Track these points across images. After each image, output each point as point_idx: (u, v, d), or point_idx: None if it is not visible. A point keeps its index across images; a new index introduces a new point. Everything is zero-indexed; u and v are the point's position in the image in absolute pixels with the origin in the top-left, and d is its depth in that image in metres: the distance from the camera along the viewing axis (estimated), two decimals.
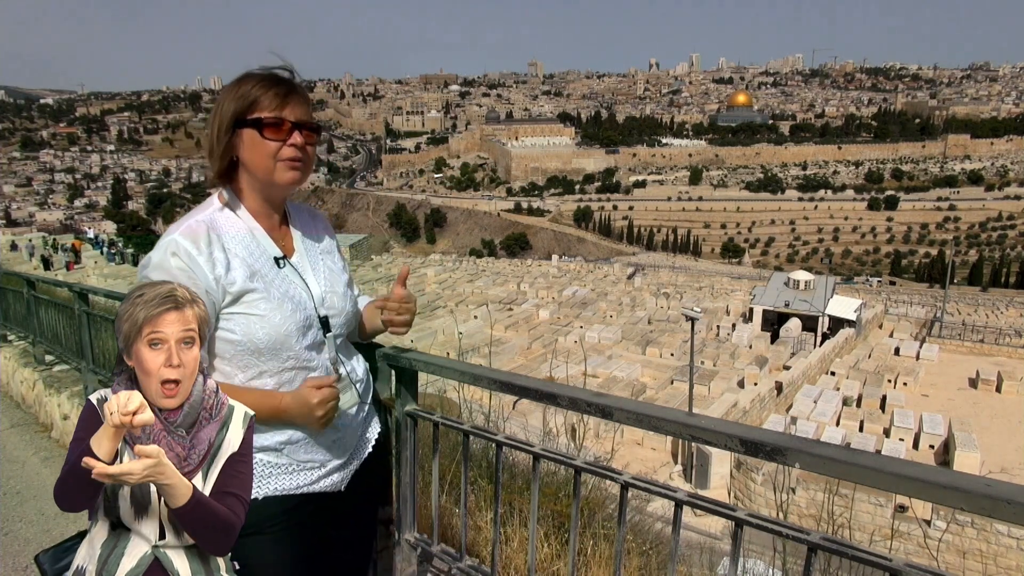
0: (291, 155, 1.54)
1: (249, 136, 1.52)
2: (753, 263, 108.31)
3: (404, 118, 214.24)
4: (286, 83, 1.57)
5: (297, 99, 1.56)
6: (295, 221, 1.73)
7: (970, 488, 1.13)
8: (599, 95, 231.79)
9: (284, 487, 1.62)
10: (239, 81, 1.55)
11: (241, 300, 1.52)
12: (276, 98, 1.53)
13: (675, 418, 1.51)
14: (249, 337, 1.53)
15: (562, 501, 2.61)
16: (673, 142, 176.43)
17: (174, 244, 1.48)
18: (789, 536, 1.35)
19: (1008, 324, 39.00)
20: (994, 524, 12.46)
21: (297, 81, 1.60)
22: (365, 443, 1.85)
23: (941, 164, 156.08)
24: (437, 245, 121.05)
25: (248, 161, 1.55)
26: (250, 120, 1.51)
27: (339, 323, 1.71)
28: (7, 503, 4.13)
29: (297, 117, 1.55)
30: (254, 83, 1.53)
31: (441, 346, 25.51)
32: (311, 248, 1.72)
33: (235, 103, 1.51)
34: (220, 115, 1.53)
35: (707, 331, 33.01)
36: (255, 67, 1.59)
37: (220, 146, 1.54)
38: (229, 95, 1.53)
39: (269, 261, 1.59)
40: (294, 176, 1.57)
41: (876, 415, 21.15)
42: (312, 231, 1.76)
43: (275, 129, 1.52)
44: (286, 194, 1.66)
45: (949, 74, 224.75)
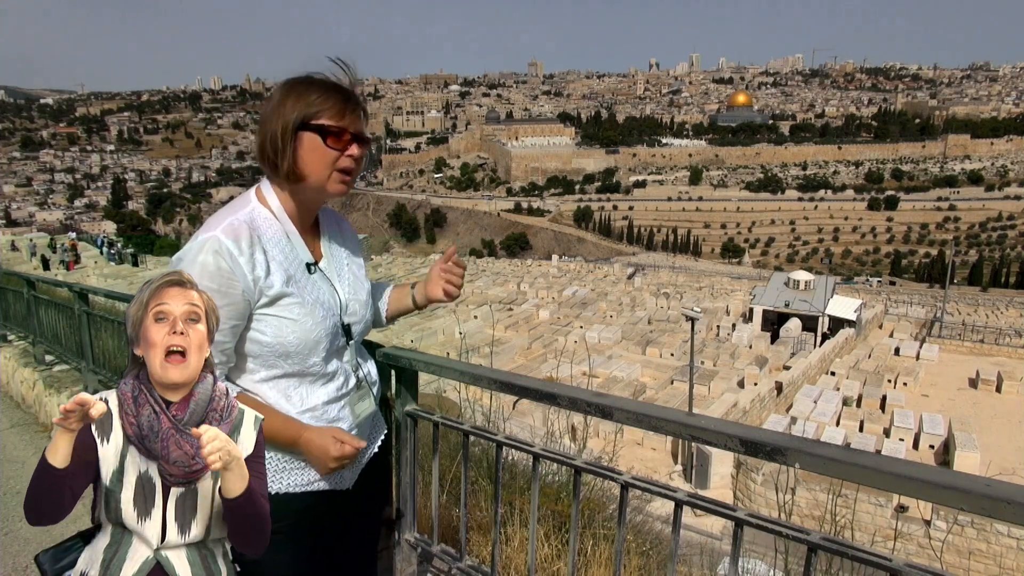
0: (347, 166, 1.55)
1: (310, 141, 1.51)
2: (753, 263, 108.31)
3: (404, 118, 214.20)
4: (350, 94, 1.57)
5: (358, 111, 1.57)
6: (324, 227, 1.73)
7: (970, 488, 1.13)
8: (599, 95, 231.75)
9: (296, 483, 1.62)
10: (303, 85, 1.53)
11: (276, 303, 1.53)
12: (340, 107, 1.52)
13: (675, 418, 1.51)
14: (280, 340, 1.53)
15: (562, 501, 2.61)
16: (673, 142, 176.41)
17: (217, 242, 1.45)
18: (789, 536, 1.35)
19: (1008, 324, 38.99)
20: (994, 524, 12.46)
21: (358, 93, 1.60)
22: (374, 442, 1.86)
23: (941, 164, 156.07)
24: (437, 245, 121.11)
25: (304, 163, 1.53)
26: (314, 125, 1.50)
27: (360, 330, 1.74)
28: (7, 503, 4.13)
29: (357, 129, 1.56)
30: (322, 90, 1.53)
31: (441, 346, 25.49)
32: (338, 254, 1.73)
33: (301, 108, 1.50)
34: (283, 117, 1.51)
35: (707, 331, 33.01)
36: (319, 70, 1.57)
37: (284, 146, 1.52)
38: (291, 98, 1.51)
39: (301, 266, 1.60)
40: (343, 188, 1.58)
41: (876, 415, 21.14)
42: (339, 238, 1.77)
43: (337, 138, 1.52)
44: (324, 202, 1.67)
45: (949, 74, 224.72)
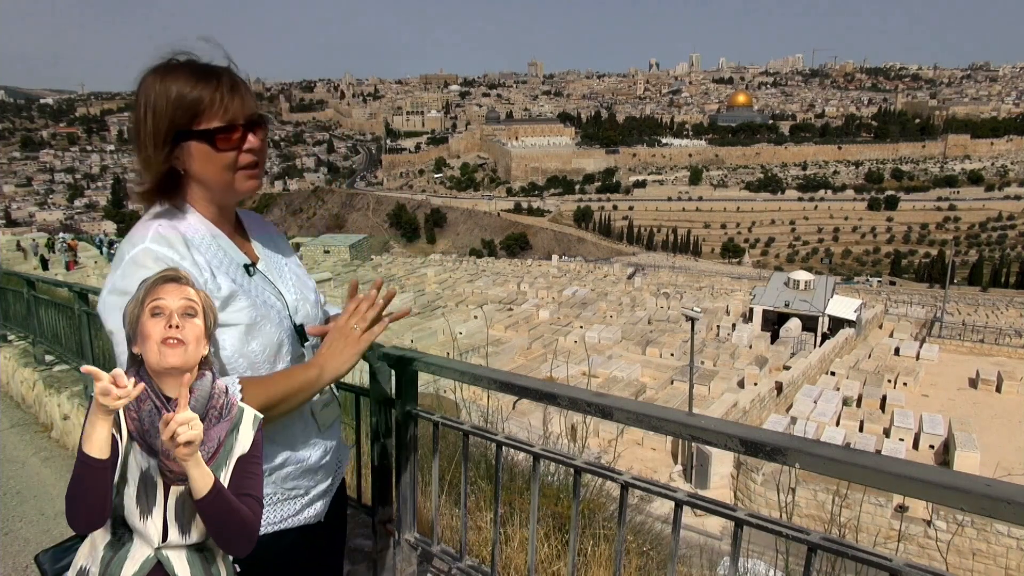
0: (249, 161, 1.36)
1: (198, 150, 1.30)
2: (753, 263, 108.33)
3: (404, 118, 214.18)
4: (227, 75, 1.32)
5: (241, 90, 1.32)
6: (250, 229, 1.54)
7: (970, 488, 1.13)
8: (599, 95, 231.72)
9: (268, 520, 1.45)
10: (161, 85, 1.28)
11: (228, 308, 1.34)
12: (222, 98, 1.29)
13: (675, 418, 1.51)
14: (240, 351, 1.35)
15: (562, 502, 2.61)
16: (673, 142, 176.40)
17: (151, 254, 1.27)
18: (789, 536, 1.35)
19: (1008, 324, 39.00)
20: (994, 524, 12.46)
21: (234, 68, 1.34)
22: (341, 467, 1.68)
23: (941, 164, 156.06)
24: (437, 245, 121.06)
25: (200, 174, 1.34)
26: (198, 132, 1.28)
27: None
28: (7, 503, 4.13)
29: (247, 115, 1.33)
30: (190, 82, 1.28)
31: (441, 346, 25.50)
32: (273, 255, 1.54)
33: (172, 111, 1.26)
34: (154, 125, 1.27)
35: (707, 331, 33.02)
36: (173, 53, 1.30)
37: (158, 162, 1.29)
38: (161, 99, 1.27)
39: (240, 269, 1.41)
40: (255, 184, 1.39)
41: (876, 415, 21.14)
42: (268, 238, 1.57)
43: (228, 138, 1.31)
44: (240, 200, 1.48)
45: (949, 74, 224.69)
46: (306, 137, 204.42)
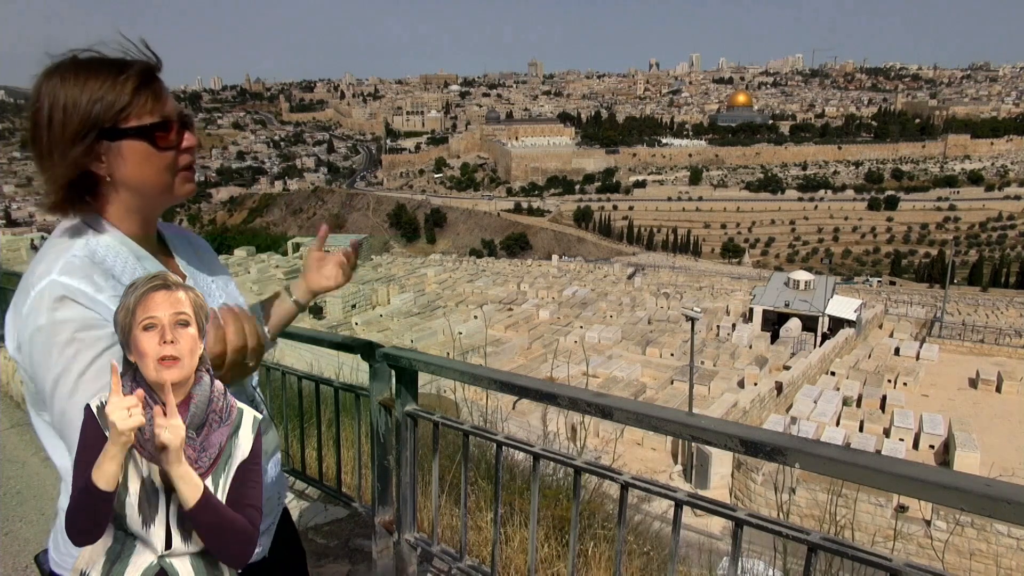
0: (188, 162, 1.25)
1: (133, 150, 1.18)
2: (753, 263, 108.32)
3: (404, 118, 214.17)
4: (150, 68, 1.20)
5: (165, 87, 1.22)
6: (172, 243, 1.42)
7: (970, 488, 1.13)
8: (599, 95, 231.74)
9: None
10: (78, 75, 1.15)
11: None
12: (155, 93, 1.19)
13: (675, 418, 1.51)
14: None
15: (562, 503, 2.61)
16: (673, 142, 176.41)
17: (59, 288, 1.13)
18: (789, 536, 1.35)
19: (1008, 324, 39.00)
20: (994, 524, 12.46)
21: (153, 62, 1.21)
22: (282, 499, 1.59)
23: (941, 164, 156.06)
24: (437, 245, 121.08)
25: (133, 178, 1.20)
26: (134, 130, 1.17)
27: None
28: (7, 503, 4.13)
29: (178, 112, 1.23)
30: (111, 77, 1.15)
31: (441, 346, 25.50)
32: (199, 272, 1.42)
33: (89, 108, 1.14)
34: (62, 127, 1.15)
35: (707, 331, 33.02)
36: (77, 49, 1.18)
37: (66, 169, 1.16)
38: (72, 97, 1.14)
39: None
40: (192, 188, 1.29)
41: (876, 415, 21.15)
42: (191, 253, 1.45)
43: (166, 136, 1.20)
44: (174, 206, 1.37)
45: (949, 74, 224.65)
46: (306, 137, 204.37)
